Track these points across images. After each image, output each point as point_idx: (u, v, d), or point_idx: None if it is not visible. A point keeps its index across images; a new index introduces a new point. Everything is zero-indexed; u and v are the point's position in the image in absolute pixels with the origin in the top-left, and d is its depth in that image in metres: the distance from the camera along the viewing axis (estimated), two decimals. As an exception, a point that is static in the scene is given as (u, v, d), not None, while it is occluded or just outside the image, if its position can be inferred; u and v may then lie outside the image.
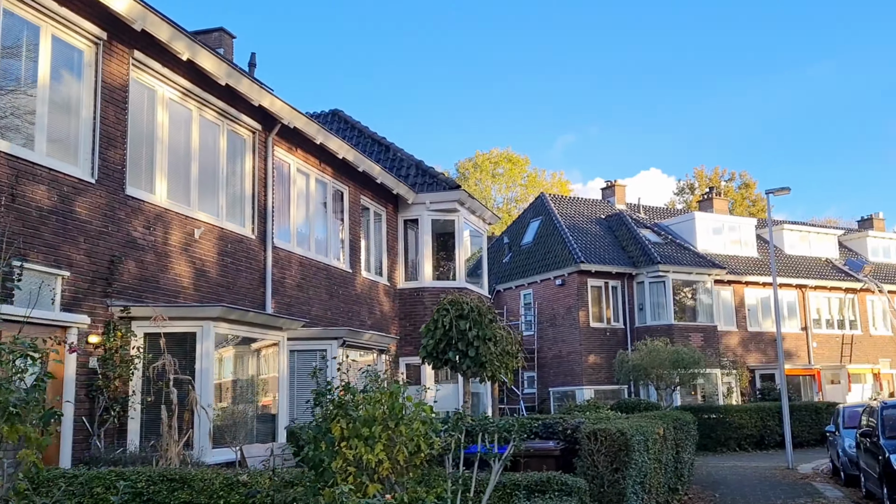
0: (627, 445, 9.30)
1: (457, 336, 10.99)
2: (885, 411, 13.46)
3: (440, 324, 11.19)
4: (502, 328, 12.07)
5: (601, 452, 9.26)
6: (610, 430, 9.29)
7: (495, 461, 6.16)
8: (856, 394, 34.36)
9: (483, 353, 10.89)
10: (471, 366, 11.00)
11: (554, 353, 32.31)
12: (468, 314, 11.13)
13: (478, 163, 58.22)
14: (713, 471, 20.67)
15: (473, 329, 10.99)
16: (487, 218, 22.82)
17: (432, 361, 11.50)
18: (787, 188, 21.37)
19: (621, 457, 9.24)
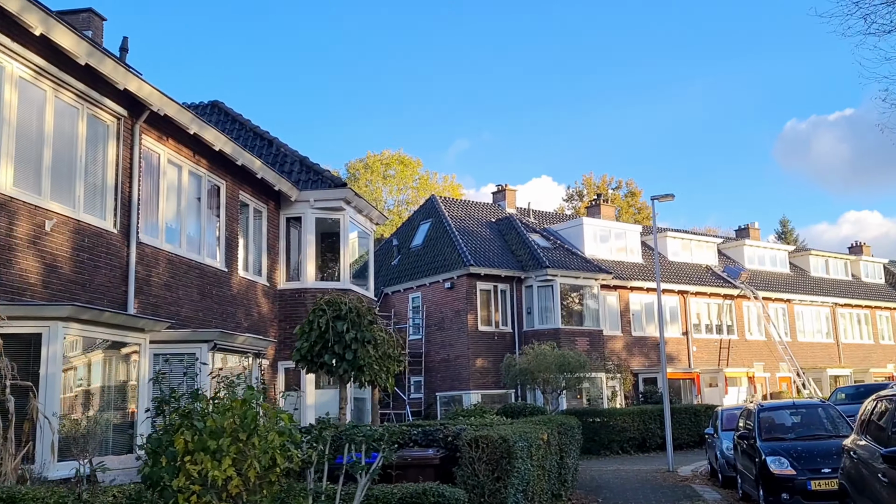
0: (510, 452, 8.87)
1: (333, 338, 10.29)
2: (762, 414, 13.60)
3: (316, 325, 10.48)
4: (384, 330, 11.46)
5: (483, 460, 8.79)
6: (492, 437, 8.84)
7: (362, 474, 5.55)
8: (732, 396, 35.45)
9: (361, 357, 10.26)
10: (348, 370, 10.35)
11: (442, 357, 31.93)
12: (346, 315, 10.47)
13: (369, 163, 57.42)
14: (597, 475, 20.66)
15: (351, 331, 10.34)
16: (375, 218, 22.19)
17: (306, 365, 10.77)
18: (671, 195, 21.68)
19: (503, 465, 8.80)
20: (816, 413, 13.81)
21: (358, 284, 21.84)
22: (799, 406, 14.27)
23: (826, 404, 14.15)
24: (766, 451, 12.46)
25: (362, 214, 21.28)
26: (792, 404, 14.41)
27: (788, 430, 13.46)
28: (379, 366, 10.66)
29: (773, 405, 14.58)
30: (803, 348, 40.65)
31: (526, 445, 9.78)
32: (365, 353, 10.25)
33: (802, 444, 12.53)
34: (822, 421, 13.56)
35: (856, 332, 43.95)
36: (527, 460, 9.74)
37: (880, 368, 43.16)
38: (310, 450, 5.62)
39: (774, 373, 39.48)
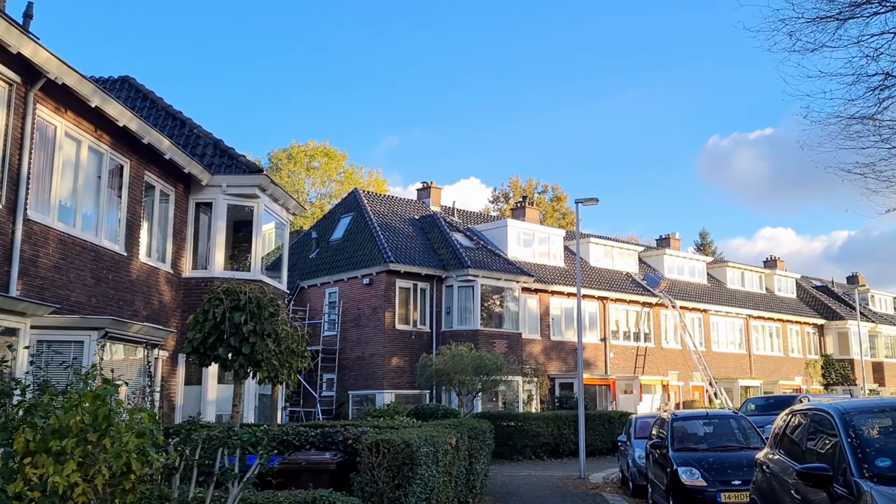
0: (413, 458, 8.30)
1: (230, 329, 9.53)
2: (675, 423, 13.39)
3: (211, 315, 9.67)
4: (288, 324, 10.75)
5: (383, 466, 8.20)
6: (394, 441, 8.26)
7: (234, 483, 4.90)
8: (646, 404, 35.72)
9: (260, 351, 9.52)
10: (244, 364, 9.59)
11: (356, 354, 31.19)
12: (245, 305, 9.70)
13: (292, 154, 56.08)
14: (508, 480, 20.29)
15: (250, 323, 9.58)
16: (292, 208, 21.36)
17: (199, 358, 9.97)
18: (595, 199, 21.48)
19: (405, 471, 8.22)
20: (729, 424, 13.68)
21: (271, 276, 21.01)
22: (712, 416, 14.14)
23: (738, 415, 14.04)
24: (678, 461, 12.23)
25: (278, 203, 20.44)
26: (705, 414, 14.27)
27: (701, 441, 13.28)
28: (280, 361, 9.95)
29: (686, 415, 14.42)
30: (717, 358, 41.35)
31: (432, 451, 9.23)
32: (264, 346, 9.51)
33: (714, 456, 12.35)
34: (734, 432, 13.44)
35: (767, 344, 44.97)
36: (432, 466, 9.20)
37: (789, 381, 44.23)
38: (174, 454, 4.95)
39: (688, 382, 40.01)
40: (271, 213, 20.12)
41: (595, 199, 21.37)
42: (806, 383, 45.56)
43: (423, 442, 8.82)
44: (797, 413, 8.30)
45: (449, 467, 10.48)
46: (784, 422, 8.61)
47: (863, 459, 6.28)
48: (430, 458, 9.03)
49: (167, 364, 16.93)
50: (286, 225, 21.65)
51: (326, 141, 58.85)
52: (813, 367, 46.79)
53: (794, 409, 8.49)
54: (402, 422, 14.15)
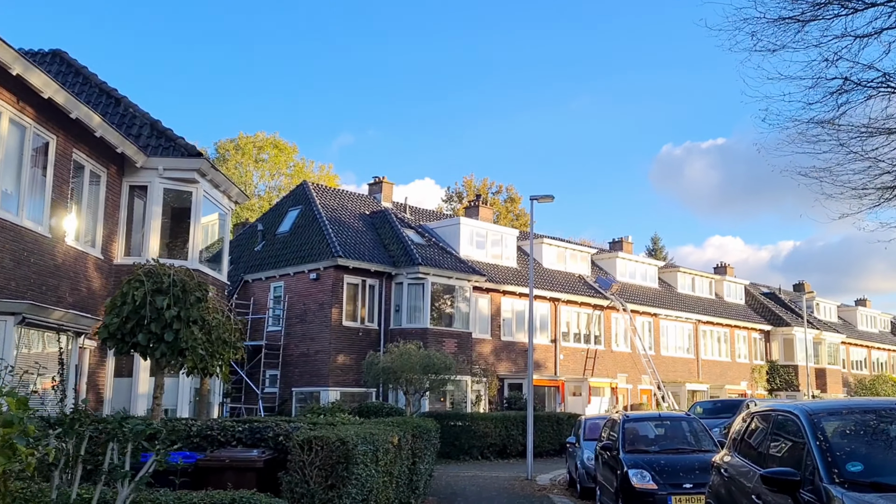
0: (348, 457, 7.61)
1: (151, 315, 8.70)
2: (627, 425, 12.90)
3: (130, 298, 8.83)
4: (220, 312, 9.97)
5: (315, 465, 7.50)
6: (328, 438, 7.56)
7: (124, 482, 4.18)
8: (594, 406, 35.44)
9: (184, 339, 8.71)
10: (166, 353, 8.79)
11: (301, 350, 30.30)
12: (168, 288, 8.87)
13: (240, 145, 54.70)
14: (453, 481, 19.68)
15: (173, 308, 8.77)
16: (234, 196, 20.47)
17: (115, 345, 9.11)
18: (551, 196, 21.00)
19: (339, 471, 7.53)
20: (681, 426, 13.24)
21: (211, 267, 20.10)
22: (664, 418, 13.68)
23: (690, 417, 13.61)
24: (629, 463, 11.74)
25: (219, 190, 19.54)
26: (657, 416, 13.79)
27: (652, 443, 12.82)
28: (209, 351, 9.17)
29: (638, 416, 13.94)
30: (665, 362, 41.32)
31: (371, 449, 8.56)
32: (189, 334, 8.71)
33: (665, 458, 11.89)
34: (686, 434, 13.01)
35: (715, 349, 45.14)
36: (370, 466, 8.52)
37: (735, 385, 44.44)
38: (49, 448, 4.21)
39: (636, 385, 39.89)
40: (212, 200, 19.22)
41: (550, 197, 20.89)
42: (751, 388, 45.86)
43: (360, 440, 8.14)
44: (758, 414, 7.82)
45: (390, 467, 9.82)
46: (744, 423, 8.13)
47: (833, 464, 5.79)
48: (368, 457, 8.36)
49: (95, 354, 15.96)
50: (228, 213, 20.76)
51: (276, 133, 57.51)
52: (758, 372, 47.16)
53: (753, 412, 8.01)
54: (343, 419, 13.43)
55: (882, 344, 57.86)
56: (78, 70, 18.42)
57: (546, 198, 20.88)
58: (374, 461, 8.73)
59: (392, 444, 9.45)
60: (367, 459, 8.32)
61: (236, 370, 31.37)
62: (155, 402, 9.55)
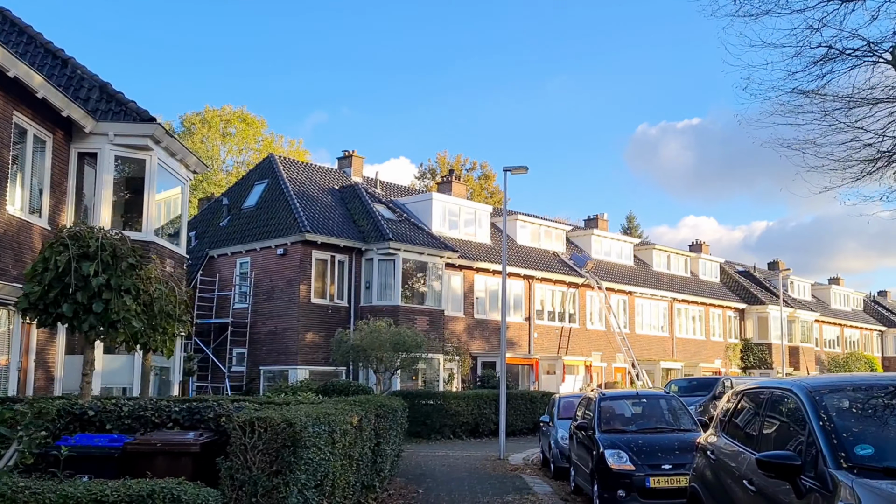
0: (296, 440, 6.83)
1: (76, 282, 7.82)
2: (603, 403, 12.23)
3: (52, 264, 7.92)
4: (165, 283, 9.11)
5: (258, 449, 6.71)
6: (273, 419, 6.77)
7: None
8: (569, 384, 34.96)
9: (115, 309, 7.86)
10: (95, 325, 7.94)
11: (269, 328, 29.44)
12: (96, 254, 7.98)
13: (207, 118, 53.23)
14: (423, 461, 19.02)
15: (102, 275, 7.88)
16: (192, 165, 19.49)
17: (37, 316, 8.22)
18: (525, 167, 20.24)
19: (285, 455, 6.75)
20: (658, 405, 12.59)
21: (169, 240, 19.15)
22: (641, 396, 12.99)
23: (669, 395, 12.95)
24: (605, 443, 11.09)
25: (176, 158, 18.55)
26: (635, 394, 13.10)
27: (629, 422, 12.17)
28: (149, 324, 8.33)
29: (614, 394, 13.27)
30: (640, 340, 40.90)
31: (325, 431, 7.79)
32: (120, 304, 7.84)
33: (643, 438, 11.25)
34: (665, 413, 12.37)
35: (690, 327, 44.82)
36: (325, 449, 7.76)
37: (709, 364, 44.21)
38: None
39: (611, 363, 39.45)
40: (168, 170, 18.24)
41: (524, 168, 20.13)
42: (725, 366, 45.67)
43: (312, 421, 7.36)
44: (748, 393, 7.15)
45: (349, 449, 9.06)
46: (732, 402, 7.46)
47: (839, 447, 5.11)
48: (321, 439, 7.61)
49: (44, 331, 15.01)
50: (186, 184, 19.78)
51: (244, 106, 56.02)
52: (732, 350, 46.95)
53: (745, 389, 7.33)
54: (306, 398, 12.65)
55: (855, 322, 57.99)
56: (22, 29, 17.28)
57: (520, 169, 20.12)
58: (329, 444, 7.97)
59: (351, 425, 8.69)
60: (319, 442, 7.57)
61: (202, 348, 30.51)
62: (84, 381, 8.69)
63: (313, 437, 7.31)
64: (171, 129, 55.40)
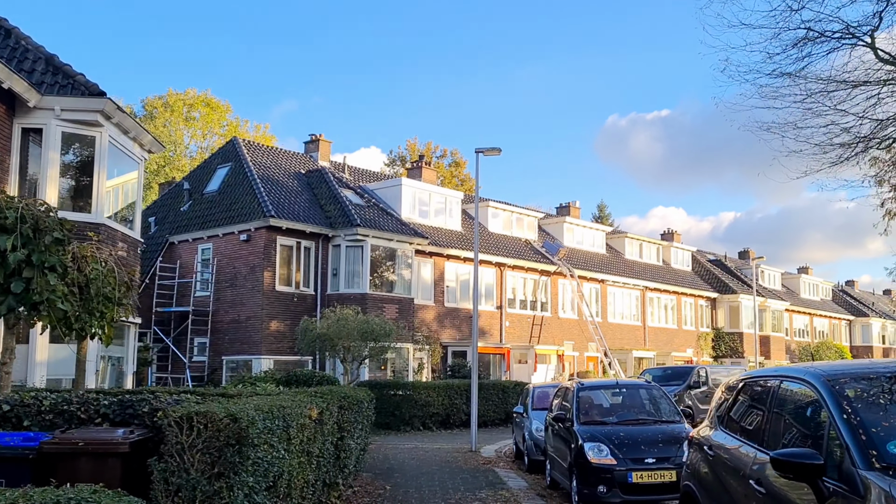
0: (241, 437, 5.98)
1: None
2: (581, 393, 11.49)
3: (-38, 239, 7.01)
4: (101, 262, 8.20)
5: (197, 449, 5.86)
6: (214, 414, 5.90)
7: None
8: (540, 374, 34.36)
9: (38, 289, 6.96)
10: (14, 307, 7.01)
11: (232, 316, 28.42)
12: (14, 226, 7.04)
13: (169, 102, 51.80)
14: (392, 454, 18.23)
15: (21, 250, 6.98)
16: (147, 144, 18.43)
17: (-54, 296, 7.31)
18: (498, 149, 19.45)
19: (229, 455, 5.90)
20: (639, 394, 11.89)
21: (122, 223, 18.10)
22: (621, 386, 12.25)
23: (650, 385, 12.24)
24: (585, 436, 10.36)
25: (129, 137, 17.48)
26: (614, 384, 12.35)
27: (609, 413, 11.43)
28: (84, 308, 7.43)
29: (593, 384, 12.52)
30: (613, 329, 40.39)
31: (280, 426, 6.96)
32: (44, 284, 6.93)
33: (625, 430, 10.53)
34: (646, 403, 11.67)
35: (662, 316, 44.43)
36: (278, 446, 6.93)
37: (681, 353, 43.87)
38: None
39: (583, 352, 38.90)
40: (120, 148, 17.17)
41: (497, 150, 19.33)
42: (697, 355, 45.39)
43: (263, 415, 6.52)
44: (752, 381, 6.43)
45: (308, 445, 8.24)
46: (731, 393, 6.75)
47: (868, 444, 4.40)
48: (274, 435, 6.77)
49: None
50: (140, 164, 18.71)
51: (208, 90, 54.64)
52: (704, 339, 46.67)
53: (746, 377, 6.62)
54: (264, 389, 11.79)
55: (824, 311, 58.10)
56: (-41, -7, 16.14)
57: (493, 150, 19.32)
58: (284, 440, 7.15)
59: (310, 419, 7.86)
60: (272, 438, 6.74)
61: (162, 337, 29.44)
62: (3, 370, 7.77)
63: (264, 433, 6.48)
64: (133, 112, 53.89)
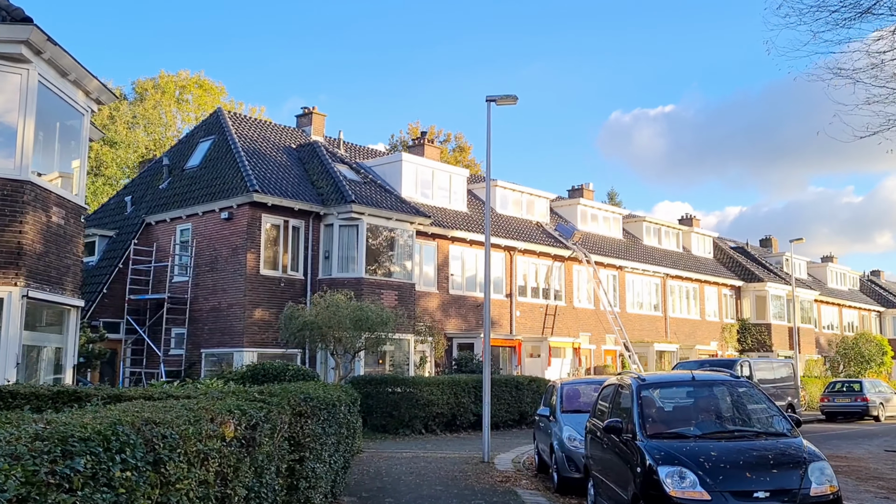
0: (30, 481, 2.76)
1: None
2: (645, 392, 8.24)
3: None
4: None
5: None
6: None
7: None
8: (555, 368, 31.18)
9: None
10: None
11: (212, 304, 25.28)
12: None
13: (161, 84, 48.84)
14: (386, 466, 15.05)
15: None
16: (94, 91, 15.23)
17: None
18: (514, 97, 16.22)
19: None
20: (726, 393, 8.52)
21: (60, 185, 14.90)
22: (700, 382, 8.83)
23: (740, 380, 8.90)
24: (657, 455, 7.15)
25: (68, 80, 14.30)
26: (690, 378, 8.77)
27: (687, 421, 8.13)
28: None
29: (659, 379, 9.08)
30: (632, 320, 37.08)
31: (136, 455, 3.77)
32: None
33: (715, 447, 7.25)
34: (735, 406, 8.39)
35: (684, 306, 41.10)
36: (138, 486, 3.74)
37: (705, 346, 40.54)
38: None
39: (600, 345, 35.66)
40: (56, 93, 14.00)
41: (513, 98, 16.12)
42: (721, 348, 42.05)
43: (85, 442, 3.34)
44: None
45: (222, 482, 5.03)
46: None
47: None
48: (117, 468, 3.59)
49: None
50: (85, 115, 15.52)
51: (202, 71, 51.44)
52: (729, 331, 43.25)
53: None
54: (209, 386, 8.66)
55: (852, 302, 54.52)
56: None
57: (508, 99, 16.08)
58: (151, 478, 3.95)
59: (222, 440, 4.69)
60: (116, 475, 3.55)
61: (135, 328, 26.36)
62: None
63: (91, 466, 3.30)
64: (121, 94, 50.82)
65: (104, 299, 26.63)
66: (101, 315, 26.26)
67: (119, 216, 30.00)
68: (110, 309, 26.65)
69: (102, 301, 26.56)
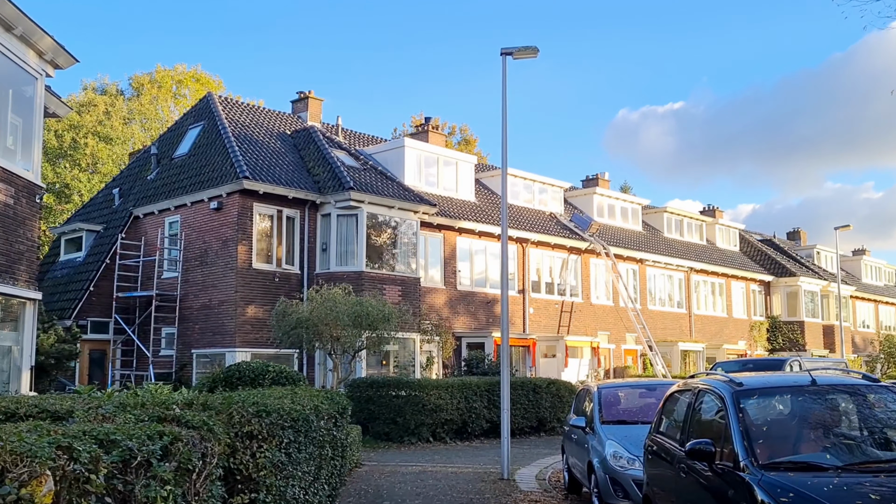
0: None
1: None
2: (746, 403, 5.84)
3: None
4: None
5: None
6: None
7: None
8: (572, 369, 28.85)
9: None
10: None
11: (202, 302, 23.11)
12: None
13: (157, 78, 46.95)
14: (388, 484, 12.78)
15: None
16: (49, 51, 13.13)
17: None
18: (535, 48, 13.97)
19: None
20: (857, 404, 5.97)
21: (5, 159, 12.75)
22: (825, 388, 6.00)
23: (875, 384, 6.36)
24: (783, 497, 4.83)
25: (14, 35, 12.21)
26: (809, 381, 6.07)
27: (812, 444, 5.68)
28: None
29: (763, 384, 6.32)
30: (654, 317, 34.67)
31: None
32: None
33: (859, 481, 4.94)
34: (873, 422, 5.96)
35: (709, 302, 38.63)
36: None
37: (732, 345, 38.02)
38: None
39: (620, 344, 33.30)
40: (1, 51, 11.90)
41: (533, 49, 13.87)
42: (750, 348, 39.57)
43: None
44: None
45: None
46: None
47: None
48: None
49: None
50: (38, 78, 13.37)
51: (198, 65, 49.42)
52: (758, 329, 40.66)
53: None
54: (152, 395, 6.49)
55: (890, 298, 51.53)
56: None
57: (527, 51, 13.83)
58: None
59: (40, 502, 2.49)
60: None
61: (123, 328, 24.22)
62: None
63: None
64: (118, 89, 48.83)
65: (91, 297, 24.52)
66: (88, 314, 24.20)
67: (107, 210, 27.88)
68: (98, 307, 24.56)
69: (90, 299, 24.46)
